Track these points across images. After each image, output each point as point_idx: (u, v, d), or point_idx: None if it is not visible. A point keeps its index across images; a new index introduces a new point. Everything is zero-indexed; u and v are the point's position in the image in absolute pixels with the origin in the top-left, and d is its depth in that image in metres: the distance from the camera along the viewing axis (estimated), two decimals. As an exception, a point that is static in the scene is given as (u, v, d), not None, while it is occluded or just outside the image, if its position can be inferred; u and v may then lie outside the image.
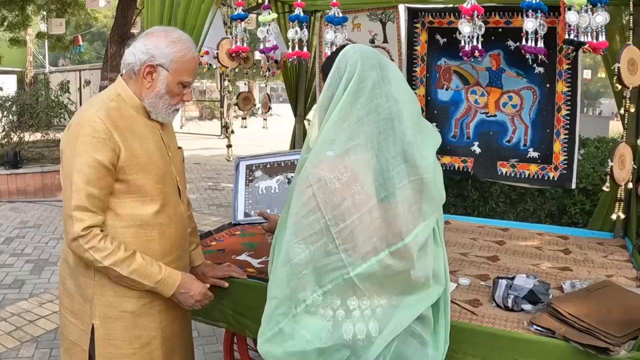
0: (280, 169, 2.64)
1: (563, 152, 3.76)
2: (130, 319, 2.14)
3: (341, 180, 1.65)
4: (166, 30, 2.20)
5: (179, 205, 2.30)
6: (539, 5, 2.33)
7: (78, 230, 1.98)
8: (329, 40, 2.36)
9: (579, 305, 2.22)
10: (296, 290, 1.67)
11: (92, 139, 2.00)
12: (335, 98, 1.70)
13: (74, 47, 17.54)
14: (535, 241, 3.41)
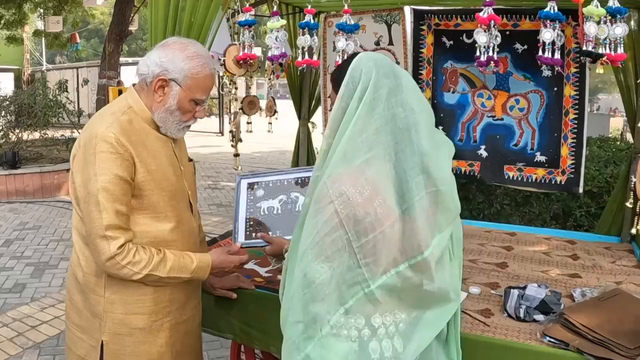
0: (283, 188, 2.58)
1: (570, 156, 3.74)
2: (141, 335, 2.11)
3: (363, 194, 1.61)
4: (183, 43, 2.12)
5: (190, 221, 2.26)
6: (557, 16, 2.29)
7: (114, 249, 1.95)
8: (341, 48, 2.31)
9: (590, 316, 2.20)
10: (320, 311, 1.62)
11: (111, 155, 1.96)
12: (350, 108, 1.65)
13: (71, 45, 17.48)
14: (542, 246, 3.39)
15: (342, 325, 1.63)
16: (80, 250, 2.10)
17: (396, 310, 1.68)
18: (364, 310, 1.64)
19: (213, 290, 2.52)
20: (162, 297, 2.14)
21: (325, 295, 1.61)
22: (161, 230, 2.09)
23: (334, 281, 1.61)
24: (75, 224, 2.12)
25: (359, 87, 1.66)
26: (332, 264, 1.60)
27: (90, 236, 1.98)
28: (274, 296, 2.52)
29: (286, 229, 2.44)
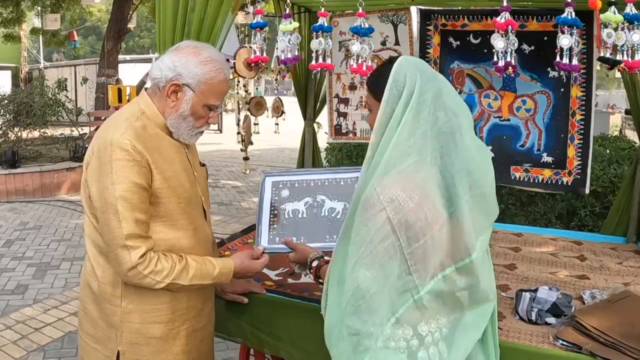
0: (310, 190, 2.50)
1: (577, 157, 3.72)
2: (158, 344, 2.09)
3: (413, 198, 1.60)
4: (197, 47, 2.08)
5: (205, 227, 2.24)
6: (574, 22, 2.27)
7: (135, 258, 1.92)
8: (355, 51, 2.29)
9: (601, 318, 2.21)
10: (375, 322, 1.60)
11: (128, 163, 1.92)
12: (395, 113, 1.64)
13: (69, 43, 17.46)
14: (549, 247, 3.40)
15: (390, 337, 1.61)
16: (94, 260, 2.08)
17: (438, 316, 1.68)
18: (412, 318, 1.63)
19: (224, 295, 2.51)
20: (179, 305, 2.12)
21: (379, 305, 1.59)
22: (177, 238, 2.07)
23: (386, 290, 1.59)
24: (89, 233, 2.09)
25: (404, 92, 1.65)
26: (385, 273, 1.59)
27: (110, 246, 1.95)
28: (285, 300, 2.54)
29: (311, 234, 2.39)
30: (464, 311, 1.72)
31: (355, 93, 4.31)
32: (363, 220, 1.60)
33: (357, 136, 4.39)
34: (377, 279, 1.58)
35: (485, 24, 3.75)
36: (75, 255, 6.57)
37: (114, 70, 13.33)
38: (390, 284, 1.59)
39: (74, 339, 4.47)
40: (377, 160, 1.64)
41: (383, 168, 1.62)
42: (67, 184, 9.86)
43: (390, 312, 1.60)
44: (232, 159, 13.93)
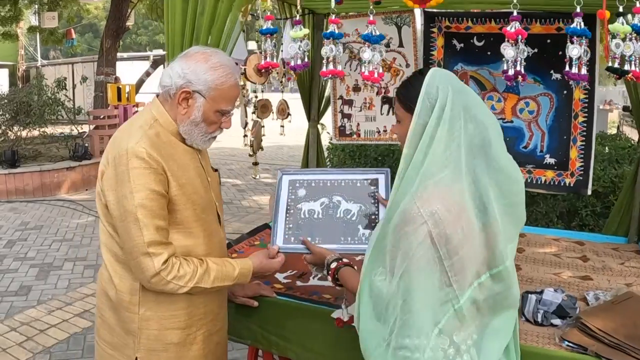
0: (326, 190, 2.50)
1: (579, 158, 3.75)
2: (175, 350, 2.11)
3: (452, 212, 1.62)
4: (206, 53, 2.07)
5: (219, 232, 2.25)
6: (584, 32, 2.29)
7: (159, 265, 1.94)
8: (367, 59, 2.30)
9: (605, 320, 2.24)
10: (421, 335, 1.61)
11: (145, 171, 1.93)
12: (428, 126, 1.66)
13: (66, 41, 17.40)
14: (552, 248, 3.43)
15: (432, 348, 1.63)
16: (112, 268, 2.08)
17: (470, 322, 1.70)
18: (451, 328, 1.65)
19: (234, 298, 2.52)
20: (196, 311, 2.14)
21: (424, 317, 1.61)
22: (192, 245, 2.09)
23: (429, 302, 1.61)
24: (105, 241, 2.10)
25: (437, 105, 1.67)
26: (428, 285, 1.61)
27: (131, 254, 1.96)
28: (295, 303, 2.56)
29: (326, 235, 2.40)
30: (493, 316, 1.75)
31: (359, 94, 4.32)
32: (404, 233, 1.62)
33: (361, 137, 4.41)
34: (421, 292, 1.60)
35: (489, 26, 3.78)
36: (78, 256, 6.58)
37: (112, 68, 13.32)
38: (433, 296, 1.62)
39: (79, 341, 4.49)
40: (411, 173, 1.67)
41: (419, 181, 1.64)
42: (67, 183, 9.85)
43: (434, 323, 1.62)
44: (231, 156, 13.92)
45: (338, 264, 2.12)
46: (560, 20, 3.59)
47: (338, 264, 2.12)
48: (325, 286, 2.72)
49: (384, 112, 4.30)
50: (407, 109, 1.79)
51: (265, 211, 8.49)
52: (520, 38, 2.34)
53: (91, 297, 5.36)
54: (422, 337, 1.60)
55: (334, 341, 2.43)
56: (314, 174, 2.60)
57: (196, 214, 2.09)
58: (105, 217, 2.05)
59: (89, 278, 5.89)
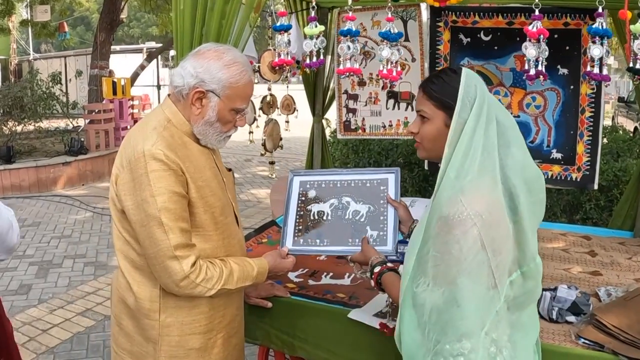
0: (336, 191, 2.48)
1: (586, 153, 3.74)
2: (197, 355, 2.07)
3: (493, 213, 1.62)
4: (219, 50, 2.00)
5: (238, 234, 2.21)
6: (606, 32, 2.27)
7: (187, 268, 1.91)
8: (385, 56, 2.26)
9: (619, 316, 2.25)
10: (473, 339, 1.61)
11: (164, 173, 1.88)
12: (467, 126, 1.66)
13: (59, 34, 17.27)
14: (560, 243, 3.43)
15: (482, 349, 1.62)
16: (129, 275, 2.04)
17: (503, 320, 1.70)
18: (492, 327, 1.65)
19: (248, 299, 2.49)
20: (216, 314, 2.11)
21: (475, 321, 1.60)
22: (212, 248, 2.05)
23: (480, 306, 1.61)
24: (120, 248, 2.05)
25: (475, 104, 1.67)
26: (477, 289, 1.60)
27: (156, 259, 1.91)
28: (309, 303, 2.55)
29: (334, 237, 2.39)
30: (521, 313, 1.75)
31: (364, 89, 4.28)
32: (452, 237, 1.59)
33: (366, 132, 4.37)
34: (473, 296, 1.59)
35: (496, 21, 3.74)
36: (77, 253, 6.53)
37: (106, 62, 13.24)
38: (482, 300, 1.61)
39: (82, 340, 4.45)
40: (450, 174, 1.65)
41: (461, 183, 1.63)
42: (63, 179, 9.78)
43: (482, 326, 1.61)
44: (228, 149, 13.87)
45: (382, 269, 2.04)
46: (568, 16, 3.57)
47: (382, 269, 2.04)
48: (339, 285, 2.71)
49: (389, 107, 4.26)
50: (440, 106, 1.78)
51: (263, 205, 8.46)
52: (542, 37, 2.30)
53: (93, 295, 5.33)
54: (474, 340, 1.60)
55: (350, 341, 2.42)
56: (324, 175, 2.59)
57: (214, 217, 2.04)
58: (121, 222, 2.00)
59: (89, 275, 5.84)
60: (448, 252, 1.59)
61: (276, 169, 9.97)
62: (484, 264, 1.59)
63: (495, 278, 1.61)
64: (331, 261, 2.97)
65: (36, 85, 10.67)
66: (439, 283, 1.61)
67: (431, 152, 1.85)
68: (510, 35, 3.70)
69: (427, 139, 1.83)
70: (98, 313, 4.93)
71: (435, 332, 1.63)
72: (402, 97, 4.21)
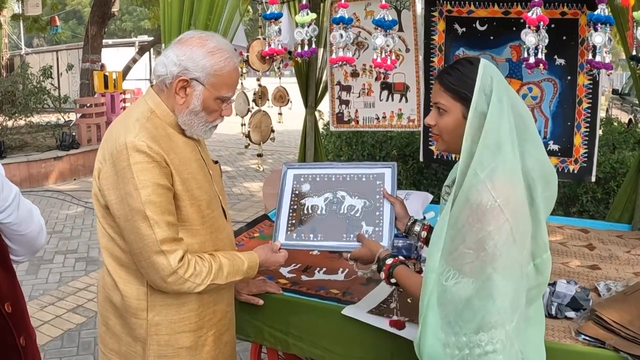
0: (330, 185, 2.43)
1: (584, 145, 3.70)
2: (187, 354, 2.02)
3: (520, 206, 1.64)
4: (202, 37, 1.94)
5: (226, 227, 2.15)
6: (608, 19, 2.21)
7: (175, 262, 1.85)
8: (379, 45, 2.20)
9: (620, 312, 2.22)
10: (499, 331, 1.61)
11: (148, 165, 1.82)
12: (488, 121, 1.64)
13: (51, 28, 17.14)
14: (557, 236, 3.41)
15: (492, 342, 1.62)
16: (115, 273, 1.98)
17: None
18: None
19: (238, 296, 2.44)
20: (206, 311, 2.06)
21: (509, 315, 1.61)
22: (199, 243, 1.99)
23: (513, 300, 1.62)
24: (105, 245, 1.99)
25: (493, 96, 1.65)
26: (511, 284, 1.60)
27: (142, 254, 1.85)
28: (302, 300, 2.50)
29: (328, 232, 2.35)
30: (529, 306, 1.75)
31: (357, 80, 4.22)
32: (487, 234, 1.58)
33: (359, 124, 4.31)
34: (509, 291, 1.59)
35: (491, 10, 3.69)
36: (68, 248, 6.46)
37: (98, 55, 13.15)
38: (515, 294, 1.62)
39: (73, 337, 4.40)
40: (478, 170, 1.63)
41: (489, 175, 1.61)
42: (54, 174, 9.71)
43: (511, 319, 1.62)
44: (220, 142, 13.83)
45: (394, 261, 2.00)
46: (565, 5, 3.52)
47: (394, 261, 2.00)
48: (332, 280, 2.67)
49: (383, 98, 4.21)
50: (457, 97, 1.77)
51: (256, 198, 8.42)
52: (542, 24, 2.24)
53: (84, 291, 5.27)
54: (503, 333, 1.61)
55: (345, 338, 2.38)
56: (319, 168, 2.54)
57: (201, 210, 1.99)
58: (105, 219, 1.94)
59: (80, 271, 5.79)
60: (482, 249, 1.58)
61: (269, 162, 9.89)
62: (515, 259, 1.60)
63: (523, 272, 1.64)
64: (324, 256, 2.92)
65: (27, 80, 10.58)
66: (474, 278, 1.60)
67: (451, 144, 1.85)
68: (506, 25, 3.66)
69: (445, 131, 1.82)
70: (89, 309, 4.87)
71: (465, 324, 1.61)
72: (395, 88, 4.15)
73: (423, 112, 4.02)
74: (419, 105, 4.09)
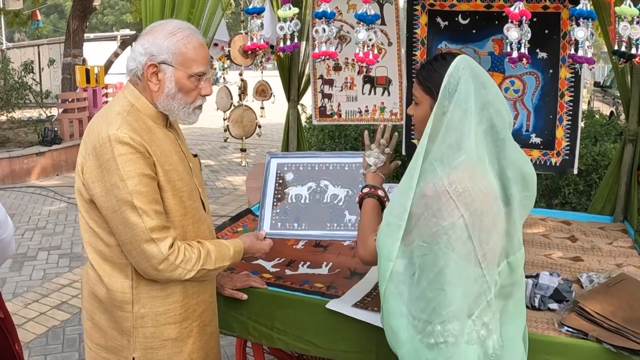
0: (314, 174, 2.46)
1: (565, 138, 3.73)
2: (173, 346, 2.04)
3: (480, 203, 1.66)
4: (162, 23, 2.01)
5: (206, 219, 2.17)
6: (590, 14, 2.23)
7: (165, 249, 1.88)
8: (362, 39, 2.21)
9: (603, 303, 2.25)
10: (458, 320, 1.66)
11: (132, 156, 1.85)
12: (449, 118, 1.68)
13: (32, 22, 16.94)
14: (540, 228, 3.44)
15: (467, 332, 1.68)
16: (99, 268, 1.99)
17: (494, 306, 1.75)
18: (483, 313, 1.71)
19: (222, 291, 2.45)
20: (190, 302, 2.07)
21: (464, 307, 1.66)
22: (181, 234, 2.01)
23: (466, 292, 1.66)
24: (89, 240, 2.00)
25: (456, 96, 1.68)
26: (463, 276, 1.65)
27: (131, 244, 1.87)
28: (286, 294, 2.51)
29: (312, 221, 2.39)
30: (508, 301, 1.80)
31: (340, 74, 4.22)
32: (441, 229, 1.63)
33: (342, 118, 4.31)
34: (461, 284, 1.64)
35: (474, 4, 3.70)
36: (52, 244, 6.43)
37: (80, 50, 13.04)
38: (470, 288, 1.66)
39: (58, 334, 4.38)
40: (434, 162, 1.67)
41: (446, 170, 1.66)
42: (37, 170, 9.63)
43: (469, 312, 1.67)
44: (203, 136, 13.79)
45: (369, 191, 2.07)
46: (547, -1, 3.54)
47: (369, 191, 2.07)
48: (316, 274, 2.68)
49: (365, 92, 4.21)
50: (427, 91, 1.82)
51: (239, 192, 8.41)
52: (524, 18, 2.25)
53: (68, 288, 5.25)
54: (461, 324, 1.66)
55: (329, 332, 2.39)
56: (302, 158, 2.56)
57: (183, 201, 2.01)
58: (89, 213, 1.95)
59: (64, 267, 5.76)
60: (436, 243, 1.64)
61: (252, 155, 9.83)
62: (469, 254, 1.64)
63: (483, 268, 1.66)
64: (308, 250, 2.93)
65: (8, 75, 10.47)
66: (427, 271, 1.65)
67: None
68: (489, 19, 3.67)
69: (418, 122, 1.88)
70: (73, 306, 4.84)
71: (424, 315, 1.67)
72: (378, 82, 4.16)
73: (405, 105, 4.02)
74: (402, 98, 4.11)
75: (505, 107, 1.76)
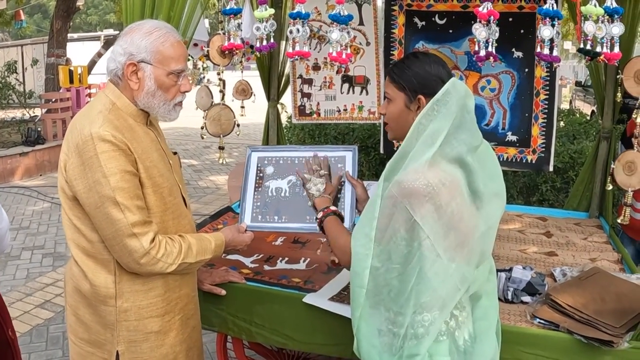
0: (294, 167, 2.50)
1: (541, 135, 3.79)
2: (156, 339, 2.07)
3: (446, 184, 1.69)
4: (139, 23, 2.05)
5: (187, 215, 2.21)
6: (556, 13, 2.29)
7: (147, 244, 1.92)
8: (335, 39, 2.26)
9: (574, 296, 2.30)
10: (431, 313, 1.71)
11: (114, 153, 1.89)
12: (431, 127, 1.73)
13: (15, 22, 16.79)
14: (516, 224, 3.48)
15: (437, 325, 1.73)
16: (83, 263, 2.02)
17: (465, 301, 1.81)
18: (453, 305, 1.76)
19: (201, 286, 2.49)
20: (172, 296, 2.11)
21: (436, 298, 1.70)
22: (162, 230, 2.04)
23: (441, 285, 1.70)
24: (71, 236, 2.03)
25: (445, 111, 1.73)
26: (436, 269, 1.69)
27: (114, 239, 1.91)
28: (264, 289, 2.54)
29: (292, 214, 2.42)
30: (479, 296, 1.86)
31: (319, 73, 4.27)
32: (413, 224, 1.67)
33: (321, 117, 4.36)
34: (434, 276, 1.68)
35: (451, 4, 3.76)
36: (35, 244, 6.42)
37: (63, 50, 12.97)
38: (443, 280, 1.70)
39: (42, 332, 4.39)
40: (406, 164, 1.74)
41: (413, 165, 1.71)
42: (20, 170, 9.58)
43: (442, 303, 1.71)
44: (186, 136, 13.75)
45: (325, 212, 2.14)
46: (522, -1, 3.60)
47: (325, 212, 2.14)
48: (294, 269, 2.73)
49: (344, 91, 4.26)
50: (400, 88, 1.86)
51: (222, 191, 8.43)
52: (492, 18, 2.32)
53: (51, 287, 5.25)
54: (433, 314, 1.70)
55: (306, 326, 2.43)
56: (283, 151, 2.59)
57: (163, 197, 2.05)
58: (72, 210, 1.99)
59: (48, 267, 5.76)
60: (412, 238, 1.68)
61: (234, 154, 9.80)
62: (450, 245, 1.69)
63: (455, 263, 1.70)
64: (286, 246, 2.97)
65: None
66: (400, 264, 1.70)
67: (397, 132, 1.94)
68: (465, 19, 3.72)
69: (391, 119, 1.92)
70: (57, 305, 4.85)
71: (396, 306, 1.72)
72: (356, 81, 4.21)
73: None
74: (379, 97, 4.16)
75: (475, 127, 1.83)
